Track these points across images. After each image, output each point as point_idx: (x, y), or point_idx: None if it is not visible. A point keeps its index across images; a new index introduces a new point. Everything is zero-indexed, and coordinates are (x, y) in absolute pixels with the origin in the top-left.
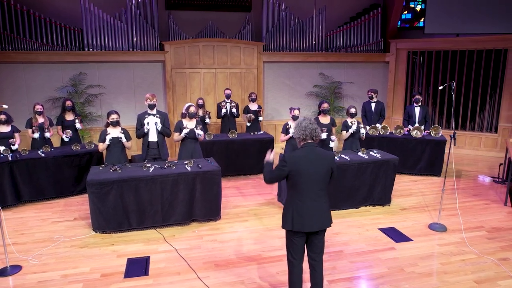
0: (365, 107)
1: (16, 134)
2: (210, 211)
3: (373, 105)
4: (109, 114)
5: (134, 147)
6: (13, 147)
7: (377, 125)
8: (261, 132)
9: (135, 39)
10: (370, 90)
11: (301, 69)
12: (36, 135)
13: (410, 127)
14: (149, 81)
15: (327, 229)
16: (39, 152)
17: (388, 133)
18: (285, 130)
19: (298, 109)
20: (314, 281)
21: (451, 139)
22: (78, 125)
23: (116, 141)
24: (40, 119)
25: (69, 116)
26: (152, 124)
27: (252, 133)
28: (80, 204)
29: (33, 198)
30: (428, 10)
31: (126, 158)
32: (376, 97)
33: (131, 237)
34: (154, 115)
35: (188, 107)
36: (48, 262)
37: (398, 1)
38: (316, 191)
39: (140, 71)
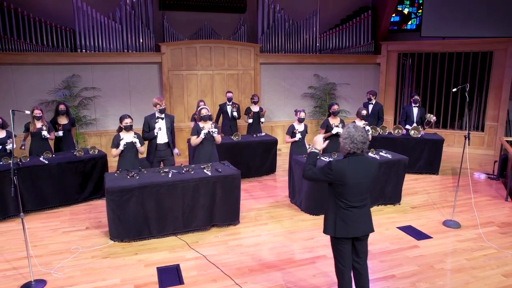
0: None
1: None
2: (230, 215)
3: (370, 106)
4: (122, 119)
5: None
6: (8, 147)
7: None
8: (263, 134)
9: (133, 39)
10: (369, 92)
11: (296, 70)
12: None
13: (408, 127)
14: (144, 83)
15: None
16: (41, 158)
17: (387, 133)
18: (291, 132)
19: (304, 111)
20: (360, 285)
21: (465, 139)
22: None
23: (130, 146)
24: (38, 124)
25: (63, 120)
26: (163, 128)
27: (254, 135)
28: (87, 212)
29: (36, 207)
30: (425, 14)
31: (140, 164)
32: (374, 99)
33: (153, 245)
34: (162, 118)
35: (200, 110)
36: (73, 275)
37: (390, 5)
38: (360, 198)
39: (135, 73)
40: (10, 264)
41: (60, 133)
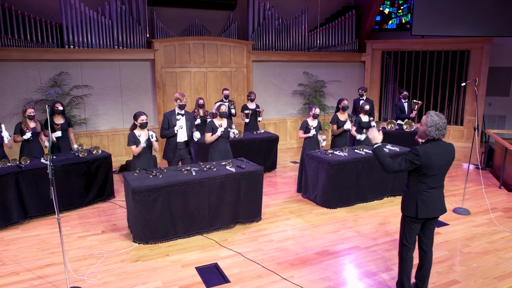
0: (355, 104)
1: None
2: (253, 211)
3: (361, 102)
4: (137, 116)
5: (122, 153)
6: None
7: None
8: (262, 131)
9: (124, 36)
10: (361, 88)
11: (286, 68)
12: (29, 134)
13: (400, 122)
14: (136, 81)
15: (375, 220)
16: (42, 160)
17: (381, 128)
18: (304, 128)
19: (318, 107)
20: (425, 266)
21: (475, 131)
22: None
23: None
24: (32, 124)
25: (59, 120)
26: (184, 126)
27: (254, 132)
28: (96, 215)
29: (40, 212)
30: (415, 15)
31: (156, 162)
32: (366, 94)
33: (182, 246)
34: (183, 115)
35: (219, 106)
36: (109, 280)
37: (376, 4)
38: (439, 180)
39: (127, 71)
40: (33, 273)
41: (59, 133)
